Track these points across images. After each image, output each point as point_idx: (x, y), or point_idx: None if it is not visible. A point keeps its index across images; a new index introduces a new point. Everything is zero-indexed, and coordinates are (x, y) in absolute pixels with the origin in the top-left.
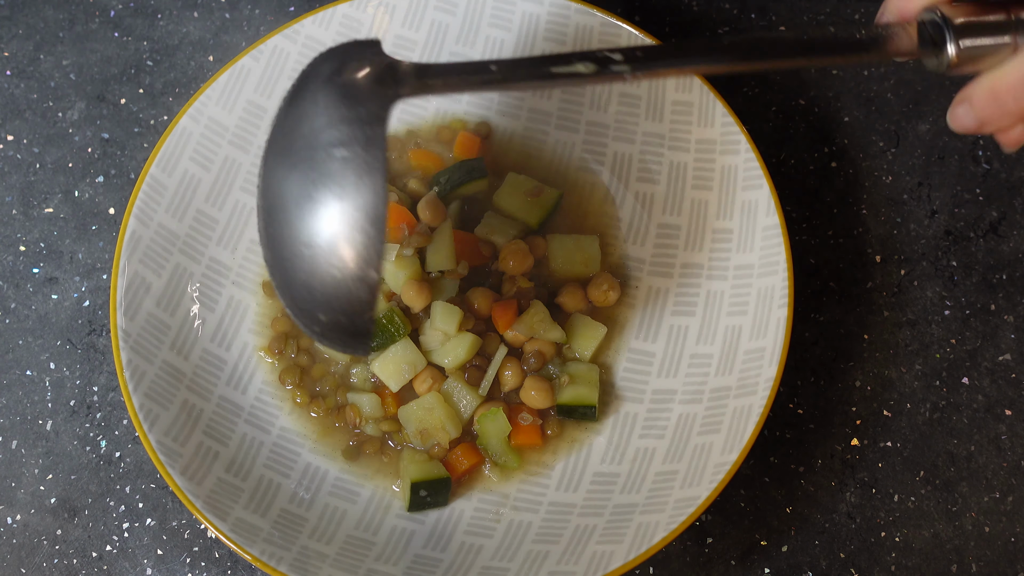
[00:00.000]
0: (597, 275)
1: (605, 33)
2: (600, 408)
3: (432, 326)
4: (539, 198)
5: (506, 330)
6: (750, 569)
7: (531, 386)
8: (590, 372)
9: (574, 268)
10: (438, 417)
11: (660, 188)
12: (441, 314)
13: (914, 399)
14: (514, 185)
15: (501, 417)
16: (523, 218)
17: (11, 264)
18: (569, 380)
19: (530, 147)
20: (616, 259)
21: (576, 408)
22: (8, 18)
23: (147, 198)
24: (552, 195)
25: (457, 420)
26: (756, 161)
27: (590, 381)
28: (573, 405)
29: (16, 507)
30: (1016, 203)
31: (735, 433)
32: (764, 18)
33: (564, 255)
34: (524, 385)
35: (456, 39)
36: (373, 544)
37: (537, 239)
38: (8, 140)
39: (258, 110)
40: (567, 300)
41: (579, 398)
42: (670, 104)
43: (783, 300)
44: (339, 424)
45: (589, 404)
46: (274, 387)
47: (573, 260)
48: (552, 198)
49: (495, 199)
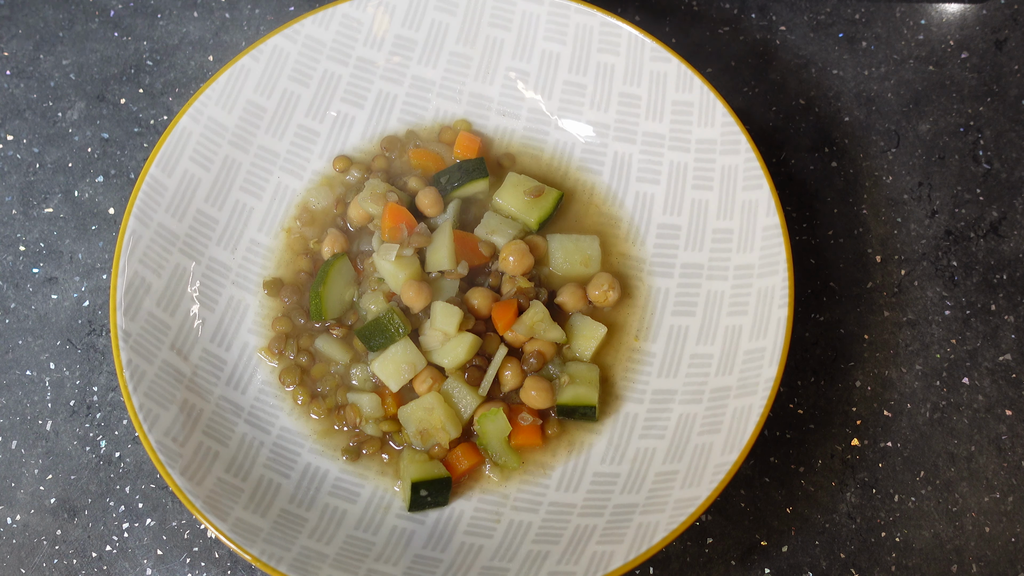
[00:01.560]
0: (597, 275)
1: (605, 33)
2: (600, 408)
3: (432, 326)
4: (539, 198)
5: (506, 331)
6: (750, 569)
7: (531, 386)
8: (590, 372)
9: (574, 268)
10: (438, 417)
11: (660, 188)
12: (441, 314)
13: (914, 399)
14: (515, 185)
15: (501, 417)
16: (523, 218)
17: (11, 264)
18: (569, 380)
19: (530, 147)
20: (616, 259)
21: (576, 408)
22: (8, 18)
23: (147, 198)
24: (552, 195)
25: (457, 420)
26: (756, 161)
27: (590, 381)
28: (573, 405)
29: (16, 507)
30: (1016, 203)
31: (735, 433)
32: (764, 18)
33: (564, 255)
34: (524, 385)
35: (456, 39)
36: (373, 544)
37: (537, 239)
38: (8, 140)
39: (258, 110)
40: (567, 300)
41: (579, 398)
42: (670, 104)
43: (783, 300)
44: (339, 426)
45: (589, 404)
46: (274, 387)
47: (573, 260)
48: (552, 198)
49: (495, 198)
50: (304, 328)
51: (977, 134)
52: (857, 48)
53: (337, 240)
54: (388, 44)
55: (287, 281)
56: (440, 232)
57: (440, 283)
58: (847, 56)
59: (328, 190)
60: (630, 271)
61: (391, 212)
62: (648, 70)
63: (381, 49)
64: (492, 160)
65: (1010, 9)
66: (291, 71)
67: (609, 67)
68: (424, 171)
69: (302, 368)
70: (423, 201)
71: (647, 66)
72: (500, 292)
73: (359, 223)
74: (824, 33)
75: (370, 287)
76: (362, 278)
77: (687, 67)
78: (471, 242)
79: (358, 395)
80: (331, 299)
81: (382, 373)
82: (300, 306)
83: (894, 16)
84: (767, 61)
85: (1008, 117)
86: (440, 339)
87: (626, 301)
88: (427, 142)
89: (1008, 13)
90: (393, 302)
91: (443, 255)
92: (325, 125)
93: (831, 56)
